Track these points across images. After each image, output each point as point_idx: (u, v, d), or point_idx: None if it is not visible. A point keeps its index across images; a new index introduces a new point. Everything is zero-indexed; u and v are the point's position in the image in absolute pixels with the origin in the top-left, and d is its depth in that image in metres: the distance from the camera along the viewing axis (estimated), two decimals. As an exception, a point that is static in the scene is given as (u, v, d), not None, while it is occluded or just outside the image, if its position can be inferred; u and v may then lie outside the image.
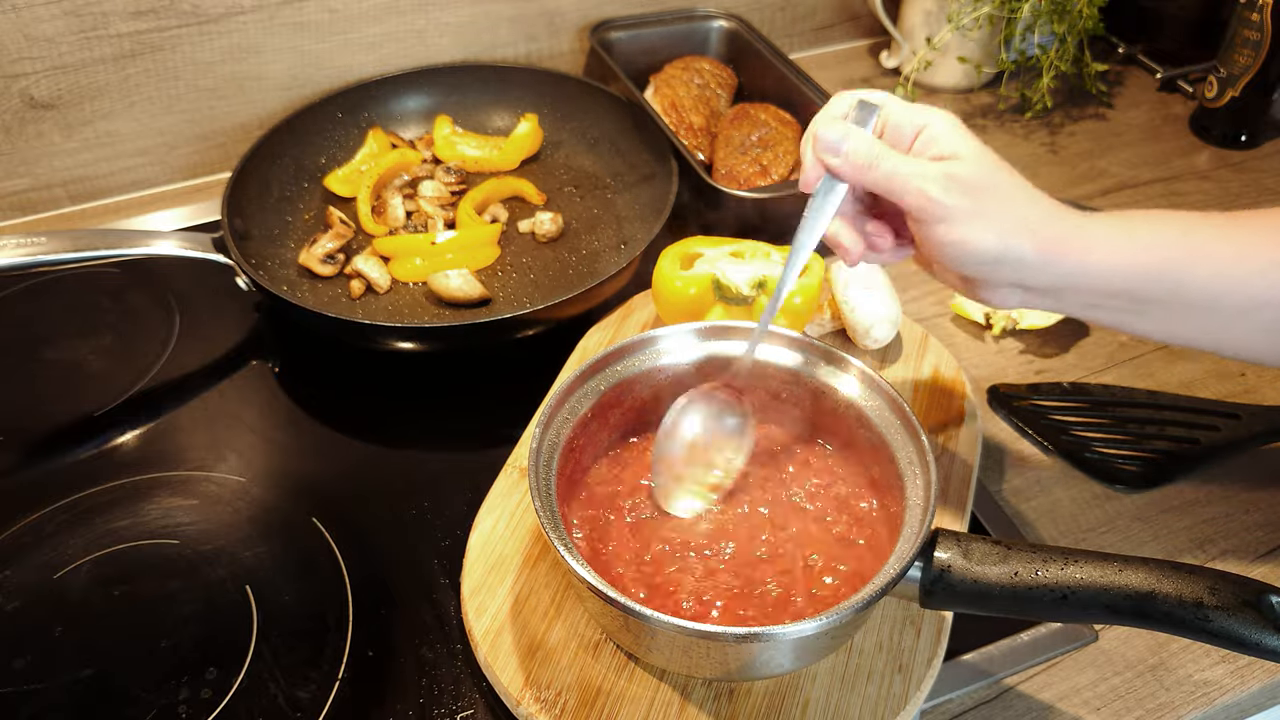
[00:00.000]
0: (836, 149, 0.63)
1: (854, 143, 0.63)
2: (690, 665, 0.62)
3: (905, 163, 0.62)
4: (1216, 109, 1.22)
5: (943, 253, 0.63)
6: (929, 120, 0.63)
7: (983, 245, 0.62)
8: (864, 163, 0.62)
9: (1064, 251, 0.62)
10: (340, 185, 1.09)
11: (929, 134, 0.63)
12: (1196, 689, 0.70)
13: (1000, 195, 0.62)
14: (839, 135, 0.63)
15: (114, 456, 0.85)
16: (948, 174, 0.61)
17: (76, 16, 1.01)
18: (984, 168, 0.62)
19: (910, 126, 0.64)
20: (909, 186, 0.61)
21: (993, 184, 0.62)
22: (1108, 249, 0.63)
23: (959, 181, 0.61)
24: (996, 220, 0.62)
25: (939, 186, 0.61)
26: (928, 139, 0.63)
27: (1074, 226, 0.63)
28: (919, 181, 0.61)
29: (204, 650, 0.70)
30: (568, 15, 1.23)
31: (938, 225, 0.62)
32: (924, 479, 0.63)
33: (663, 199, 0.99)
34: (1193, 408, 0.88)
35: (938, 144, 0.62)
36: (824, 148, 0.63)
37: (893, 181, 0.62)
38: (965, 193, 0.61)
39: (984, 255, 0.62)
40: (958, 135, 0.63)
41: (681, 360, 0.73)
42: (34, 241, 0.85)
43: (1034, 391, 0.90)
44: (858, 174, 0.63)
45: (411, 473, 0.84)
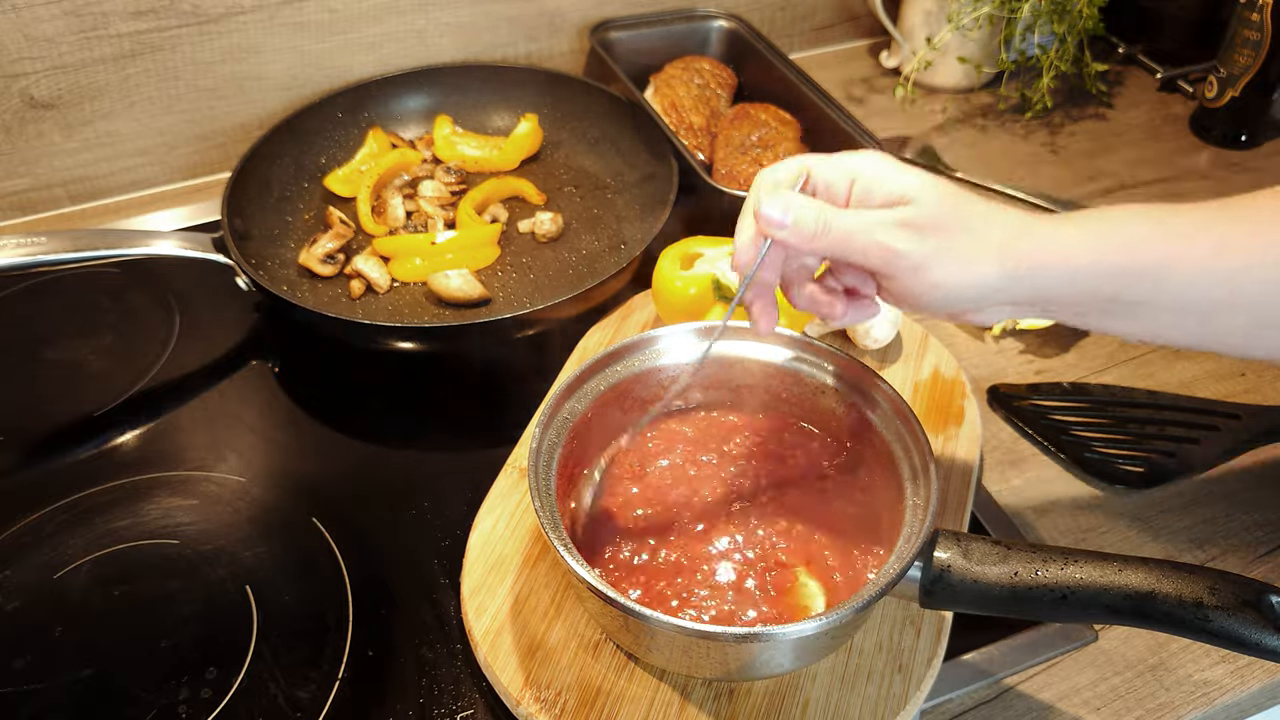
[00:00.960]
0: (782, 223, 0.59)
1: (799, 213, 0.59)
2: (690, 665, 0.62)
3: (856, 218, 0.59)
4: (1216, 109, 1.22)
5: (918, 300, 0.61)
6: (858, 167, 0.60)
7: (957, 282, 0.59)
8: (814, 229, 0.59)
9: (1039, 263, 0.59)
10: (340, 185, 1.09)
11: (865, 181, 0.60)
12: (1196, 689, 0.70)
13: (961, 226, 0.59)
14: (781, 209, 0.59)
15: (114, 456, 0.85)
16: (902, 221, 0.58)
17: (76, 16, 1.01)
18: (937, 203, 0.59)
19: (842, 179, 0.61)
20: (865, 243, 0.58)
21: (951, 216, 0.59)
22: (1082, 252, 0.60)
23: (915, 226, 0.58)
24: (964, 253, 0.59)
25: (896, 236, 0.58)
26: (865, 187, 0.60)
27: (1045, 236, 0.60)
28: (875, 235, 0.58)
29: (204, 650, 0.70)
30: (568, 15, 1.23)
31: (906, 276, 0.59)
32: (924, 479, 0.63)
33: (663, 199, 0.99)
34: (1193, 408, 0.88)
35: (880, 189, 0.59)
36: (769, 224, 0.59)
37: (849, 243, 0.59)
38: (925, 235, 0.58)
39: (961, 291, 0.59)
40: (896, 173, 0.60)
41: (681, 360, 0.73)
42: (34, 241, 0.85)
43: (1034, 391, 0.90)
44: (810, 243, 0.59)
45: (411, 473, 0.84)
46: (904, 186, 0.59)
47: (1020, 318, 0.65)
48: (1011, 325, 0.96)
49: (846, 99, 1.31)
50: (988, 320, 0.64)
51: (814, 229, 0.59)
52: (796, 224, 0.59)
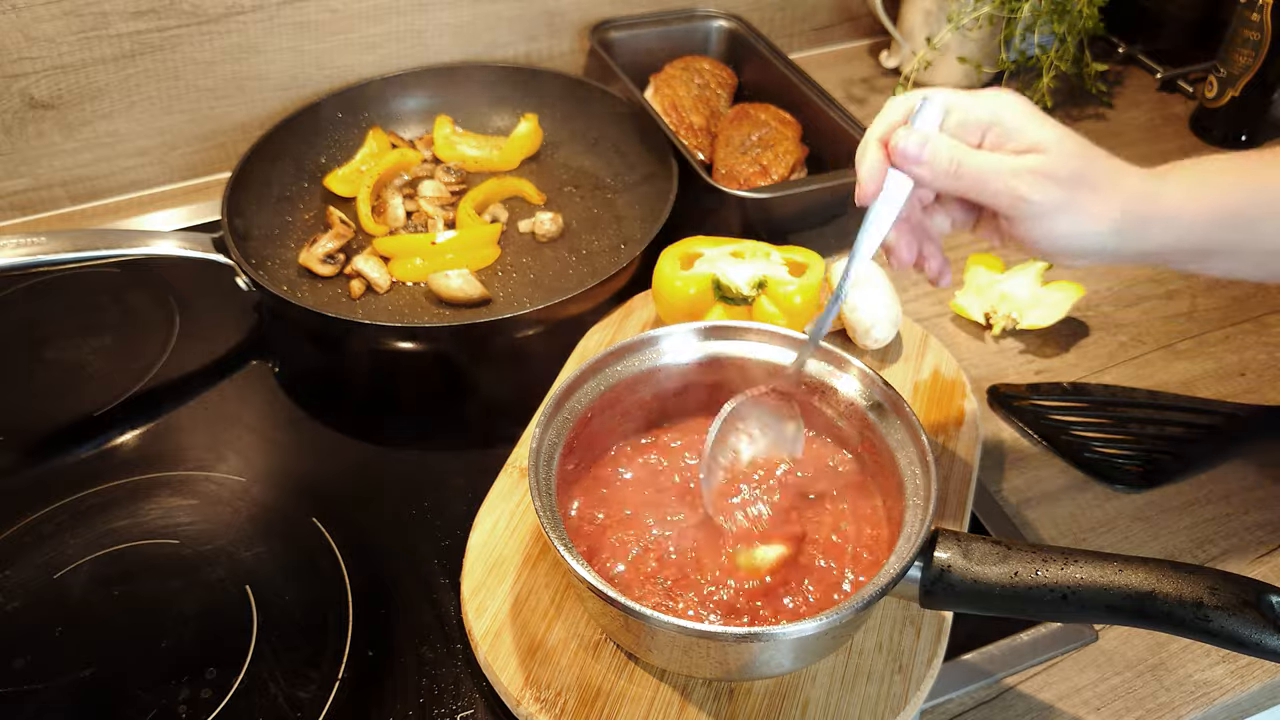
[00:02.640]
0: (918, 158, 0.61)
1: (935, 149, 0.61)
2: (690, 665, 0.62)
3: (990, 162, 0.61)
4: (1216, 109, 1.22)
5: (1036, 245, 0.63)
6: (997, 111, 0.62)
7: (1074, 236, 0.62)
8: (948, 169, 0.61)
9: (1148, 226, 0.63)
10: (340, 185, 1.09)
11: (1004, 127, 0.61)
12: (1196, 689, 0.70)
13: (1089, 182, 0.61)
14: (918, 143, 0.61)
15: (114, 456, 0.85)
16: (1036, 170, 0.60)
17: (76, 16, 1.01)
18: (1070, 156, 0.61)
19: (977, 123, 0.62)
20: (999, 187, 0.61)
21: (1081, 172, 0.61)
22: (1182, 206, 0.63)
23: (1049, 177, 0.60)
24: (1086, 209, 0.61)
25: (1030, 185, 0.60)
26: (1003, 133, 0.61)
27: (1152, 193, 0.63)
28: (1009, 181, 0.60)
29: (204, 650, 0.70)
30: (568, 15, 1.23)
31: (1030, 221, 0.61)
32: (924, 479, 0.63)
33: (663, 199, 0.99)
34: (1193, 408, 0.88)
35: (1016, 136, 0.61)
36: (904, 158, 0.61)
37: (981, 184, 0.61)
38: (1056, 186, 0.60)
39: (1076, 243, 0.63)
40: (1034, 123, 0.61)
41: (681, 360, 0.73)
42: (34, 241, 0.85)
43: (1034, 391, 0.90)
44: (943, 181, 0.61)
45: (411, 473, 0.84)
46: (1039, 137, 0.61)
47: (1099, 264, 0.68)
48: (1011, 325, 0.96)
49: (846, 99, 1.31)
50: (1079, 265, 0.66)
51: (947, 167, 0.61)
52: (932, 160, 0.61)
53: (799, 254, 0.87)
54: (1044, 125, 0.61)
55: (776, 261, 0.86)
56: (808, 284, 0.83)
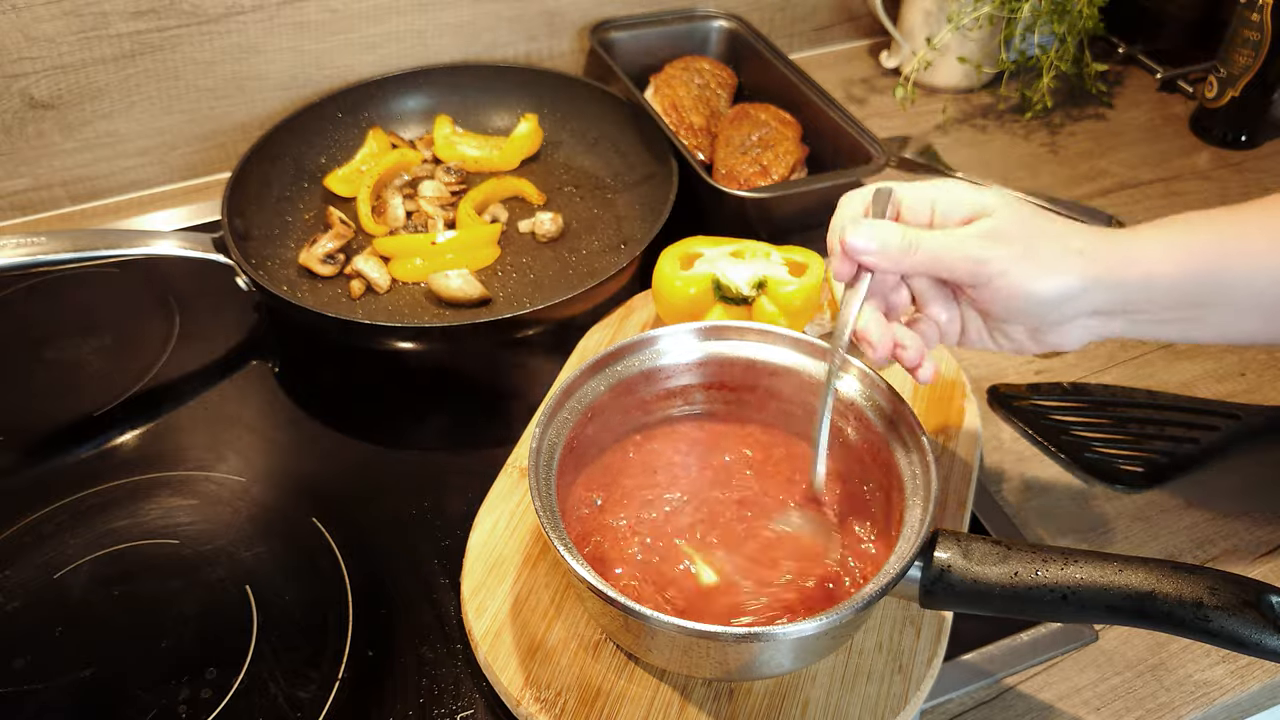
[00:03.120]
0: (868, 249, 0.63)
1: (886, 237, 0.63)
2: (690, 665, 0.62)
3: (941, 237, 0.63)
4: (1216, 109, 1.22)
5: (1007, 309, 0.64)
6: (938, 192, 0.64)
7: (1044, 287, 0.62)
8: (901, 252, 0.62)
9: (1120, 270, 0.63)
10: (340, 185, 1.09)
11: (944, 204, 0.64)
12: (1196, 689, 0.70)
13: (1039, 233, 0.63)
14: (868, 235, 0.63)
15: (114, 456, 0.85)
16: (984, 232, 0.62)
17: (76, 16, 1.01)
18: (1014, 214, 0.62)
19: (924, 204, 0.64)
20: (953, 258, 0.62)
21: (1028, 226, 0.62)
22: (1155, 260, 0.63)
23: (996, 234, 0.62)
24: (1048, 259, 0.62)
25: (980, 247, 0.62)
26: (946, 210, 0.64)
27: (1118, 244, 0.64)
28: (962, 249, 0.62)
29: (204, 650, 0.70)
30: (568, 15, 1.23)
31: (993, 283, 0.62)
32: (924, 479, 0.63)
33: (663, 199, 0.99)
34: (1193, 408, 0.88)
35: (959, 209, 0.63)
36: (858, 251, 0.63)
37: (936, 259, 0.62)
38: (1008, 243, 0.62)
39: (1047, 296, 0.62)
40: (974, 194, 0.63)
41: (681, 360, 0.73)
42: (34, 241, 0.85)
43: (1034, 391, 0.90)
44: (899, 264, 0.63)
45: (411, 473, 0.84)
46: (981, 203, 0.63)
47: (1100, 338, 0.67)
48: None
49: (846, 99, 1.31)
50: (1071, 342, 0.66)
51: (901, 248, 0.63)
52: (883, 248, 0.62)
53: (799, 254, 0.87)
54: (981, 192, 0.64)
55: (776, 261, 0.86)
56: (808, 284, 0.83)
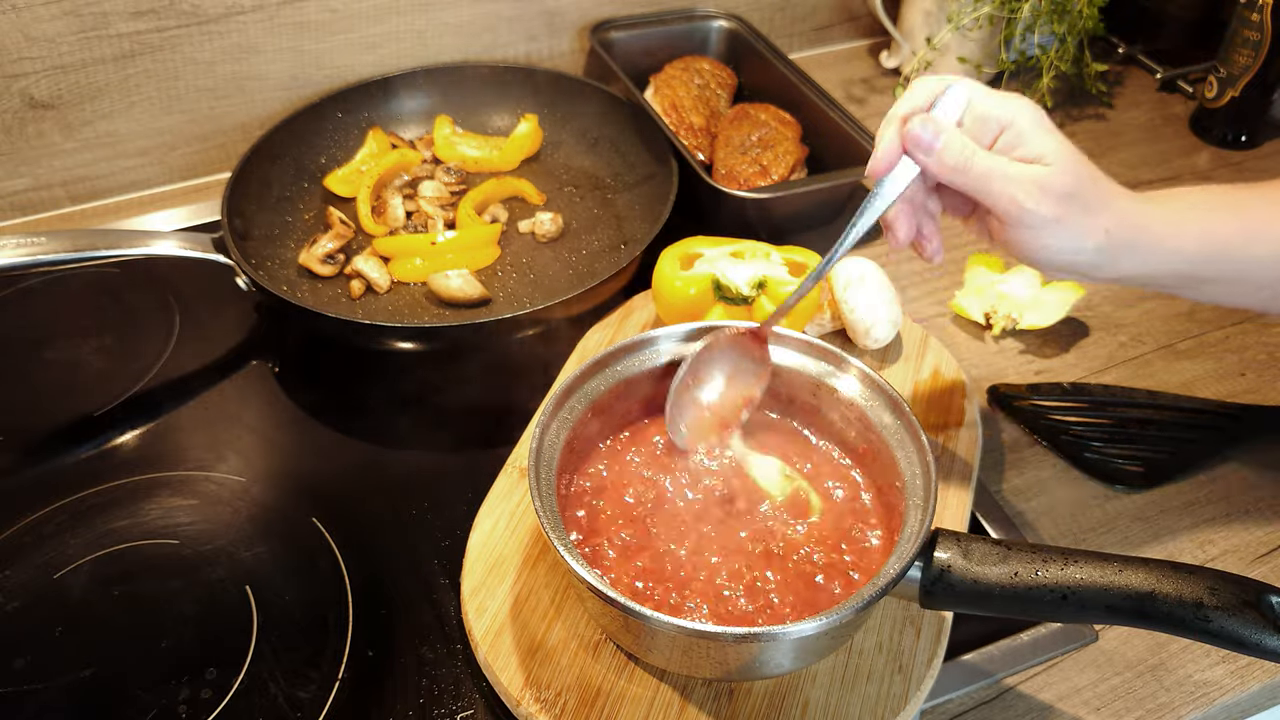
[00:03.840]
0: (930, 147, 0.63)
1: (947, 143, 0.62)
2: (690, 665, 0.62)
3: (996, 166, 0.62)
4: (1216, 109, 1.22)
5: (1021, 251, 0.65)
6: (1014, 116, 0.63)
7: (1062, 251, 0.64)
8: (956, 164, 0.63)
9: (1132, 249, 0.65)
10: (340, 185, 1.09)
11: (1015, 131, 0.63)
12: (1196, 689, 0.70)
13: (1082, 201, 0.63)
14: (932, 134, 0.63)
15: (114, 456, 0.85)
16: (1039, 182, 0.62)
17: (76, 16, 1.01)
18: (1071, 174, 0.63)
19: (994, 121, 0.64)
20: (1000, 191, 0.62)
21: (1078, 191, 0.63)
22: (1169, 235, 0.65)
23: (1049, 191, 0.62)
24: (1076, 227, 0.63)
25: (1030, 196, 0.62)
26: (1014, 137, 0.63)
27: (1140, 225, 0.65)
28: (1011, 187, 0.62)
29: (204, 650, 0.70)
30: (568, 15, 1.23)
31: (1022, 230, 0.63)
32: (924, 479, 0.63)
33: (663, 199, 0.99)
34: (1193, 408, 0.88)
35: (1024, 143, 0.63)
36: (916, 145, 0.63)
37: (985, 184, 0.63)
38: (1053, 201, 0.62)
39: (1061, 260, 0.65)
40: (1044, 135, 0.63)
41: (681, 360, 0.73)
42: (34, 241, 0.85)
43: (1034, 391, 0.90)
44: (948, 174, 0.63)
45: (411, 473, 0.84)
46: (1043, 147, 0.63)
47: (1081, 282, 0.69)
48: (1011, 325, 0.96)
49: (846, 99, 1.31)
50: (1051, 277, 0.69)
51: (955, 163, 0.63)
52: (942, 152, 0.63)
53: (799, 254, 0.87)
54: (1053, 138, 0.63)
55: (776, 261, 0.86)
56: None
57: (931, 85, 0.65)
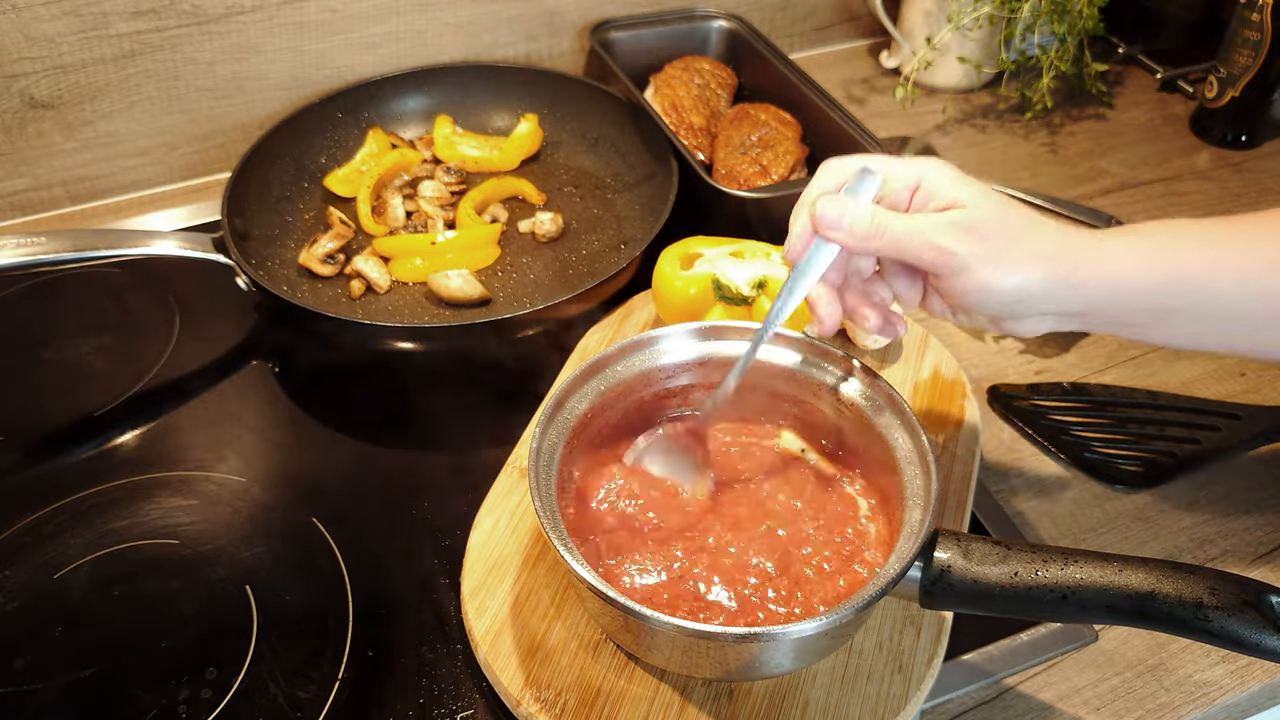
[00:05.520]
0: (837, 224, 0.62)
1: (854, 215, 0.62)
2: (690, 665, 0.62)
3: (911, 222, 0.62)
4: (1216, 109, 1.22)
5: (966, 300, 0.63)
6: (923, 173, 0.63)
7: (1005, 285, 0.62)
8: (868, 233, 0.62)
9: (1085, 274, 0.62)
10: (340, 185, 1.09)
11: (925, 188, 0.63)
12: (1196, 689, 0.70)
13: (1011, 233, 0.62)
14: (838, 212, 0.62)
15: (114, 456, 0.85)
16: (955, 223, 0.61)
17: (76, 16, 1.01)
18: (989, 210, 0.62)
19: (905, 184, 0.64)
20: (920, 244, 0.62)
21: (1001, 223, 0.62)
22: (1129, 265, 0.63)
23: (967, 228, 0.61)
24: (1013, 258, 0.62)
25: (950, 237, 0.61)
26: (925, 194, 0.63)
27: (1091, 248, 0.63)
28: (929, 236, 0.61)
29: (204, 650, 0.70)
30: (568, 15, 1.23)
31: (957, 276, 0.62)
32: (924, 479, 0.63)
33: (663, 199, 0.99)
34: (1193, 408, 0.88)
35: (937, 196, 0.63)
36: (824, 224, 0.63)
37: (902, 244, 0.62)
38: (977, 238, 0.61)
39: (1007, 294, 0.62)
40: (955, 184, 0.63)
41: (681, 360, 0.73)
42: (34, 241, 0.85)
43: (1034, 391, 0.90)
44: (864, 244, 0.63)
45: (411, 473, 0.84)
46: (956, 194, 0.62)
47: (1056, 330, 0.67)
48: (1011, 325, 0.96)
49: (846, 99, 1.31)
50: (1021, 330, 0.66)
51: (868, 231, 0.62)
52: (851, 226, 0.62)
53: (799, 254, 0.86)
54: (965, 185, 0.63)
55: (776, 261, 0.86)
56: (808, 285, 0.83)
57: (840, 167, 0.65)
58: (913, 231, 0.62)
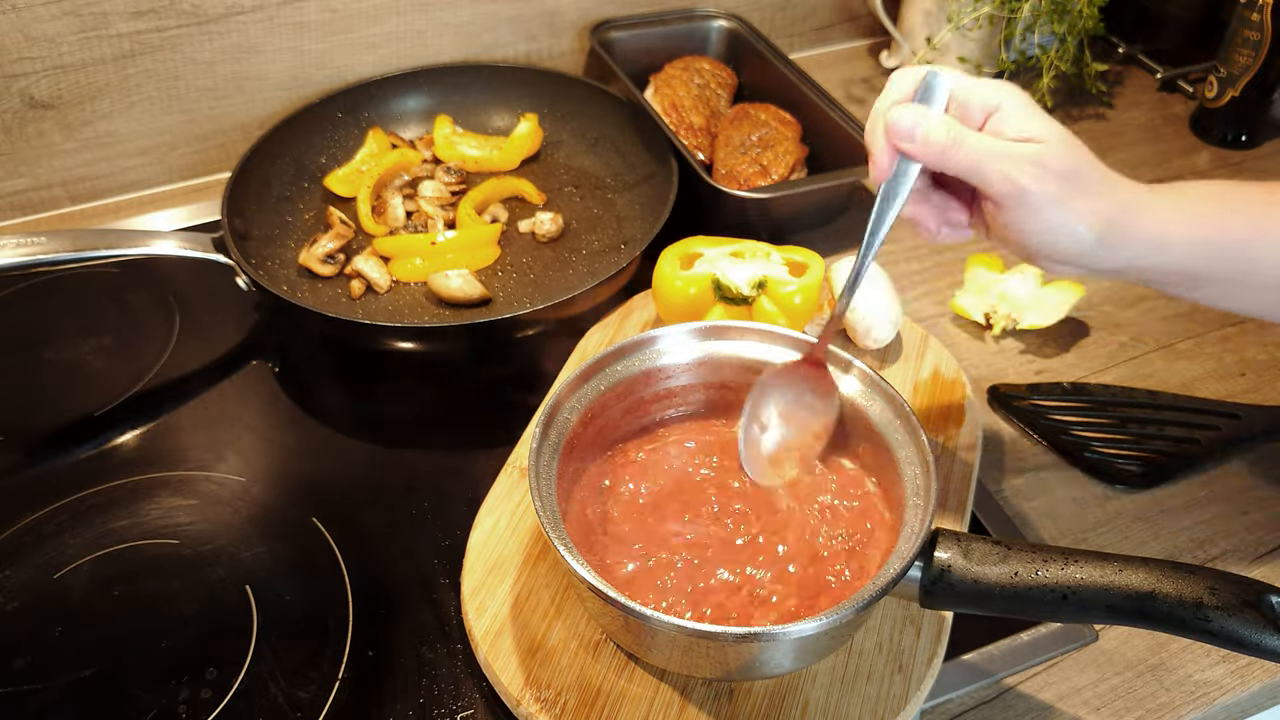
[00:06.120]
0: (911, 135, 0.60)
1: (930, 125, 0.60)
2: (690, 665, 0.62)
3: (989, 144, 0.60)
4: (1216, 109, 1.22)
5: (1021, 235, 0.62)
6: (1001, 100, 0.61)
7: (1059, 232, 0.61)
8: (944, 143, 0.60)
9: (1130, 238, 0.62)
10: (340, 185, 1.09)
11: (1002, 115, 0.61)
12: (1196, 689, 0.70)
13: (1082, 183, 0.61)
14: (912, 120, 0.60)
15: (114, 456, 0.85)
16: (1033, 158, 0.59)
17: (76, 16, 1.01)
18: (1068, 152, 0.60)
19: (979, 107, 0.61)
20: (994, 170, 0.60)
21: (1076, 169, 0.60)
22: (1176, 232, 0.63)
23: (1045, 167, 0.59)
24: (1075, 206, 0.61)
25: (1026, 173, 0.59)
26: (1003, 119, 0.61)
27: (1142, 213, 0.63)
28: (1006, 165, 0.59)
29: (204, 650, 0.70)
30: (568, 15, 1.23)
31: (1019, 210, 0.61)
32: (924, 479, 0.63)
33: (663, 199, 0.99)
34: (1193, 408, 0.88)
35: (1016, 125, 0.60)
36: (899, 134, 0.61)
37: (977, 164, 0.60)
38: (1051, 178, 0.59)
39: (1060, 247, 0.62)
40: (1035, 117, 0.61)
41: (681, 360, 0.73)
42: (34, 241, 0.85)
43: (1034, 391, 0.90)
44: (938, 158, 0.60)
45: (411, 473, 0.84)
46: (1036, 128, 0.60)
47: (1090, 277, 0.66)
48: (1011, 325, 0.96)
49: (846, 99, 1.31)
50: (1060, 274, 0.66)
51: (943, 143, 0.60)
52: (927, 134, 0.60)
53: (799, 254, 0.87)
54: (1044, 119, 0.61)
55: (776, 261, 0.86)
56: (808, 284, 0.83)
57: (910, 76, 0.63)
58: (991, 154, 0.60)
